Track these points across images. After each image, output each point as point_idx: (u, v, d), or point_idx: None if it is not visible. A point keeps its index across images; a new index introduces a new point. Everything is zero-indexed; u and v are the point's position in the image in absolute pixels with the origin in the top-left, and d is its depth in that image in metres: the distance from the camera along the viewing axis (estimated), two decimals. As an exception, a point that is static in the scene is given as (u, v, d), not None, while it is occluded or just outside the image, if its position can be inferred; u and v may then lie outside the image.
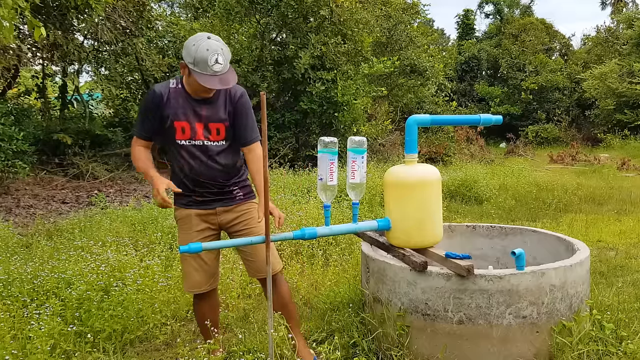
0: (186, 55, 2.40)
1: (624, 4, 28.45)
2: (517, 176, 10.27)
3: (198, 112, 2.52)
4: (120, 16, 9.55)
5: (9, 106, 8.70)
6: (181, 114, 2.50)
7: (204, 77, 2.37)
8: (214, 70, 2.37)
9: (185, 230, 2.64)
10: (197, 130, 2.52)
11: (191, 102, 2.52)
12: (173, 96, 2.50)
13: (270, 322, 2.37)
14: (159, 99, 2.49)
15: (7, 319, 2.93)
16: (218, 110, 2.55)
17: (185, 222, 2.64)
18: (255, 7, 11.57)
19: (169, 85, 2.53)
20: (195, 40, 2.39)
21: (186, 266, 2.67)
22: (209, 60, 2.36)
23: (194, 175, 2.58)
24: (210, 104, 2.54)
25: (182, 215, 2.65)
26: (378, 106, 14.08)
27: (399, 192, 2.64)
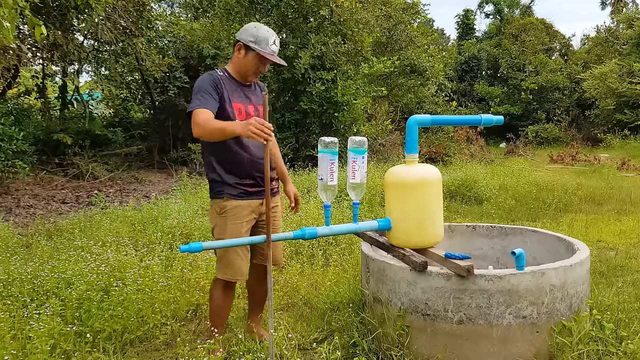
0: (246, 35, 2.65)
1: (624, 4, 28.46)
2: (517, 176, 10.27)
3: (247, 95, 2.77)
4: (120, 16, 9.55)
5: (9, 106, 8.70)
6: (236, 95, 2.71)
7: (266, 53, 2.65)
8: (271, 49, 2.66)
9: (233, 220, 2.69)
10: (250, 111, 2.73)
11: (240, 86, 2.75)
12: (225, 80, 2.70)
13: (270, 322, 2.37)
14: (218, 80, 2.66)
15: (7, 319, 2.93)
16: (258, 96, 2.83)
17: (234, 212, 2.69)
18: (255, 7, 11.57)
19: (217, 72, 2.72)
20: (254, 25, 2.70)
21: (232, 255, 2.72)
22: (269, 40, 2.66)
23: (254, 158, 2.69)
24: (251, 89, 2.81)
25: (232, 206, 2.69)
26: (378, 106, 14.08)
27: (400, 192, 2.64)
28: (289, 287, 3.88)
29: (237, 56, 2.71)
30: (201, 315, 3.50)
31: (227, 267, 2.73)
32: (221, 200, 2.71)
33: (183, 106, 12.06)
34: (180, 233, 5.01)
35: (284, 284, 3.91)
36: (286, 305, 3.65)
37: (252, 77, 2.77)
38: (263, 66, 2.73)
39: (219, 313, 2.86)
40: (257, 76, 2.79)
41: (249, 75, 2.74)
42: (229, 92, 2.68)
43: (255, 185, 2.74)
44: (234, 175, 2.70)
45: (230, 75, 2.75)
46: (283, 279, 4.01)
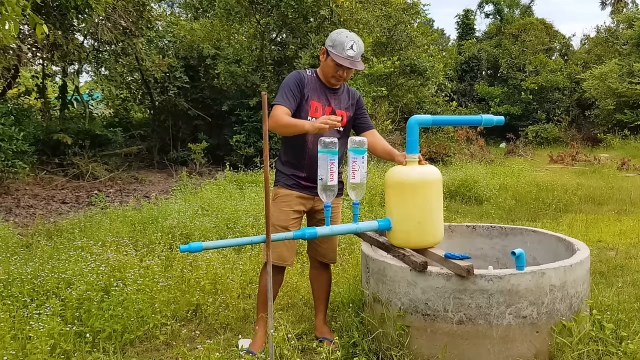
0: (328, 40, 2.84)
1: (624, 4, 28.48)
2: (517, 176, 10.27)
3: (328, 97, 2.92)
4: (120, 16, 9.54)
5: (9, 106, 8.69)
6: (316, 95, 2.88)
7: (339, 57, 2.76)
8: (347, 54, 2.76)
9: (282, 207, 2.90)
10: (326, 111, 2.88)
11: (323, 88, 2.92)
12: (310, 80, 2.90)
13: (270, 322, 2.37)
14: (302, 79, 2.87)
15: (7, 319, 2.93)
16: (342, 101, 2.97)
17: (285, 200, 2.90)
18: (255, 7, 11.57)
19: (306, 72, 2.93)
20: (339, 31, 2.86)
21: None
22: (346, 45, 2.76)
23: (314, 154, 2.73)
24: (336, 93, 2.95)
25: (284, 194, 2.92)
26: (378, 106, 14.06)
27: (400, 192, 2.64)
28: (289, 287, 3.88)
29: (321, 59, 2.90)
30: (201, 315, 3.50)
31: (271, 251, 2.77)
32: (276, 187, 2.96)
33: (183, 106, 12.07)
34: (180, 233, 5.01)
35: (284, 284, 3.91)
36: (286, 305, 3.65)
37: (333, 81, 2.88)
38: (342, 71, 2.82)
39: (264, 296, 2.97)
40: (339, 81, 2.88)
41: (329, 78, 2.88)
42: (311, 90, 2.88)
43: (309, 180, 2.88)
44: (291, 167, 2.92)
45: (318, 76, 2.93)
46: (283, 279, 4.00)
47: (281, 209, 2.90)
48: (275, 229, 2.85)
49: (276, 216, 2.88)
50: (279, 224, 2.87)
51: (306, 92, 2.86)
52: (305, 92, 2.86)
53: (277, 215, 2.89)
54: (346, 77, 2.88)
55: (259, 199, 6.53)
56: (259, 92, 11.08)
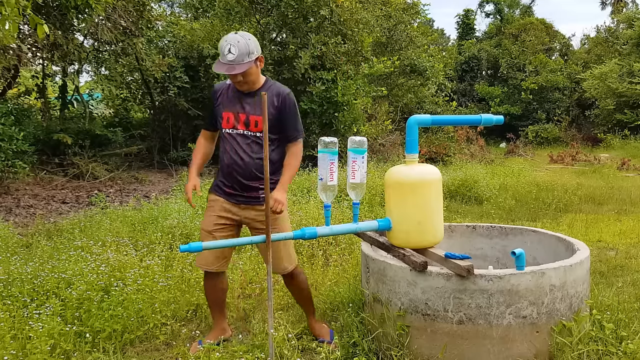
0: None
1: (624, 4, 28.47)
2: (517, 176, 10.27)
3: (244, 104, 2.79)
4: (120, 16, 9.54)
5: (9, 106, 8.68)
6: (229, 105, 2.81)
7: (218, 64, 2.65)
8: (227, 59, 2.62)
9: (209, 211, 2.92)
10: (240, 120, 2.79)
11: (239, 95, 2.81)
12: (226, 91, 2.84)
13: (270, 322, 2.37)
14: (215, 93, 2.88)
15: (7, 319, 2.93)
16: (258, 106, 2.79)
17: (211, 204, 2.91)
18: (255, 7, 11.57)
19: (225, 82, 2.88)
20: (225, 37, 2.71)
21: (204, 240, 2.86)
22: (224, 50, 2.63)
23: (230, 163, 2.80)
24: (252, 98, 2.80)
25: (211, 199, 2.93)
26: (378, 106, 14.07)
27: (400, 192, 2.64)
28: (289, 287, 3.87)
29: None
30: (201, 315, 3.50)
31: (198, 254, 2.95)
32: (209, 191, 2.99)
33: (183, 106, 12.06)
34: (180, 233, 5.01)
35: (284, 284, 3.91)
36: (286, 305, 3.65)
37: (237, 87, 2.80)
38: (232, 76, 2.71)
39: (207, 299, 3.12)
40: (242, 86, 2.77)
41: (235, 85, 2.80)
42: (222, 103, 2.84)
43: (231, 187, 2.86)
44: (219, 173, 2.94)
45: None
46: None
47: (208, 213, 2.92)
48: (201, 232, 2.92)
49: (203, 220, 2.94)
50: (203, 228, 2.91)
51: (219, 105, 2.86)
52: (218, 105, 2.86)
53: (204, 219, 2.94)
54: (243, 81, 2.73)
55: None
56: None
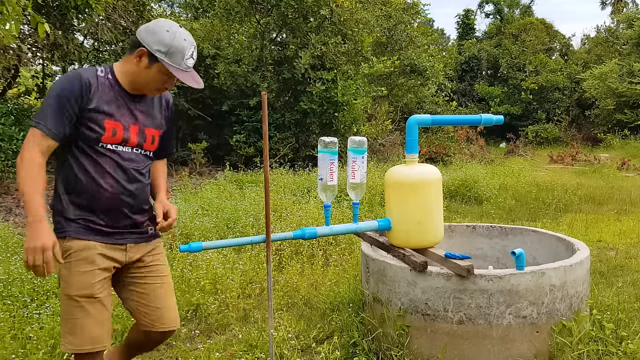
0: (155, 41, 1.93)
1: (624, 4, 28.48)
2: (517, 176, 10.27)
3: (134, 112, 2.02)
4: (120, 16, 9.55)
5: (9, 106, 8.69)
6: (113, 109, 1.97)
7: (179, 72, 1.96)
8: (187, 65, 1.99)
9: (81, 267, 1.93)
10: (131, 134, 2.01)
11: (126, 99, 2.01)
12: (102, 88, 1.96)
13: (270, 322, 2.37)
14: (87, 88, 1.91)
15: (7, 319, 2.93)
16: (155, 114, 2.11)
17: (81, 256, 1.93)
18: (255, 7, 11.57)
19: (96, 72, 1.97)
20: (168, 26, 1.96)
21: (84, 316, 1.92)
22: (186, 53, 1.97)
23: (117, 192, 1.98)
24: (146, 104, 2.08)
25: (79, 248, 1.93)
26: (378, 106, 14.07)
27: (400, 192, 2.64)
28: (289, 287, 3.88)
29: (136, 64, 1.97)
30: (201, 315, 3.50)
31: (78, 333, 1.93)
32: (62, 240, 1.93)
33: (183, 106, 12.06)
34: (180, 233, 5.01)
35: (284, 284, 3.91)
36: (286, 305, 3.65)
37: (152, 94, 2.08)
38: (171, 82, 2.02)
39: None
40: (161, 93, 2.10)
41: (149, 90, 2.04)
42: (104, 104, 1.94)
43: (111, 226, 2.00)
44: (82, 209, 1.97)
45: (117, 80, 2.00)
46: (283, 279, 4.01)
47: (81, 270, 1.92)
48: (75, 301, 1.91)
49: (75, 283, 1.92)
50: (79, 294, 1.91)
51: (94, 107, 1.92)
52: (93, 108, 1.92)
53: (76, 281, 1.92)
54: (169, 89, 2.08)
55: (259, 199, 6.53)
56: (259, 92, 11.08)
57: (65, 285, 1.93)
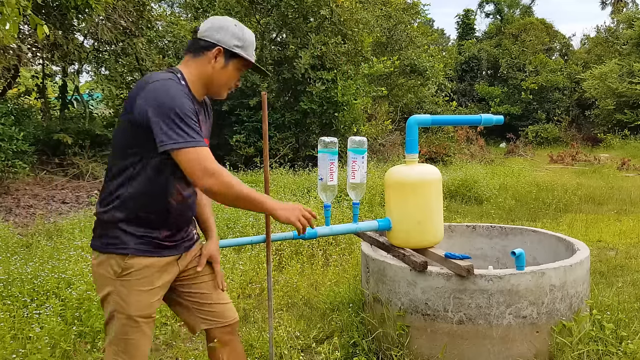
0: (229, 37, 1.85)
1: (624, 4, 28.48)
2: (517, 176, 10.27)
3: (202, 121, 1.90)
4: (120, 16, 9.54)
5: (9, 106, 8.69)
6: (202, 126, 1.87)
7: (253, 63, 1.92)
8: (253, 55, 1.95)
9: (142, 286, 1.84)
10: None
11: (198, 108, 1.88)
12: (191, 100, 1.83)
13: (270, 322, 2.37)
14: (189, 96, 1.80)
15: (7, 319, 2.93)
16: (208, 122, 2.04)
17: (143, 275, 1.84)
18: (255, 7, 11.57)
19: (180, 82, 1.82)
20: (231, 21, 1.90)
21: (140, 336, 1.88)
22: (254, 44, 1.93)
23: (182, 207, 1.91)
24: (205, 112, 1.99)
25: (140, 266, 1.83)
26: (378, 106, 14.08)
27: (400, 192, 2.64)
28: (289, 287, 3.88)
29: (212, 65, 1.86)
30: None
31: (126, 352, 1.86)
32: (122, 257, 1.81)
33: (183, 106, 12.07)
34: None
35: (284, 284, 3.91)
36: (286, 305, 3.65)
37: (223, 96, 1.97)
38: (239, 79, 1.97)
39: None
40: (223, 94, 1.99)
41: (221, 92, 1.95)
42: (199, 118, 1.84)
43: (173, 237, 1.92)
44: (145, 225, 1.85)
45: (189, 89, 1.85)
46: (283, 279, 4.01)
47: (139, 289, 1.83)
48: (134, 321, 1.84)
49: (134, 303, 1.83)
50: (139, 314, 1.84)
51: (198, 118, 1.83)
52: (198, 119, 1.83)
53: (135, 301, 1.83)
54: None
55: (259, 199, 6.52)
56: (259, 92, 11.08)
57: (122, 305, 1.83)
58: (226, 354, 2.10)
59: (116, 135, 1.90)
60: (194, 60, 1.88)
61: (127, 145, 1.81)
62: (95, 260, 1.86)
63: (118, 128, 1.89)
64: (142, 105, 1.72)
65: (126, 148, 1.81)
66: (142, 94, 1.74)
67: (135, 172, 1.81)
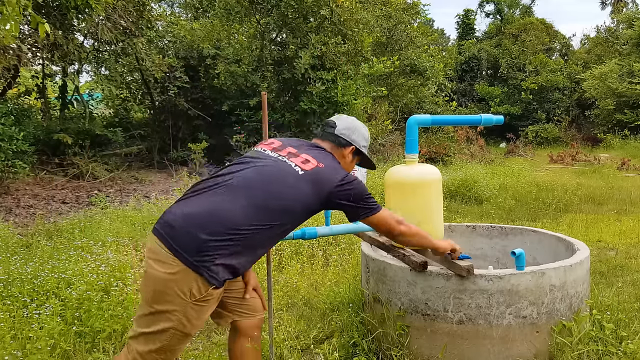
0: (362, 139, 2.35)
1: (624, 4, 28.48)
2: (517, 176, 10.27)
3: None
4: (120, 16, 9.54)
5: (9, 106, 8.69)
6: None
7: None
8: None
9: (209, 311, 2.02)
10: None
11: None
12: None
13: (270, 322, 2.37)
14: None
15: (7, 319, 2.93)
16: None
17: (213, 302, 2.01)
18: (255, 7, 11.57)
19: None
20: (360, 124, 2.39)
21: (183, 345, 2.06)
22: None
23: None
24: None
25: (215, 296, 1.98)
26: (378, 106, 14.08)
27: (400, 192, 2.64)
28: (289, 287, 3.88)
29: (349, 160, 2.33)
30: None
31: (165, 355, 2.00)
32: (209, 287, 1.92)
33: (183, 106, 12.07)
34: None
35: (284, 284, 3.91)
36: (286, 305, 3.65)
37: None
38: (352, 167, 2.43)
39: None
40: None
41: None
42: None
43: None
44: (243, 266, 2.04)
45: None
46: (283, 279, 4.01)
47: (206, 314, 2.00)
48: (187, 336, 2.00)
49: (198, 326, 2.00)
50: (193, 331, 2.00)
51: None
52: None
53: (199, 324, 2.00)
54: None
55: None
56: (259, 92, 11.08)
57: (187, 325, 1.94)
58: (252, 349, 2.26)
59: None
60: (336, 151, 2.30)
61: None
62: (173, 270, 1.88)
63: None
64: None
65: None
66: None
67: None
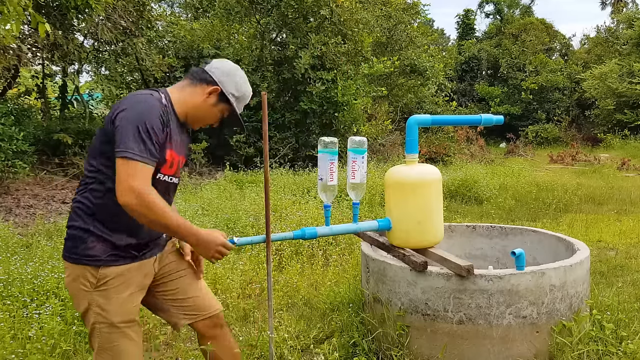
0: (231, 85, 1.96)
1: (624, 4, 28.48)
2: (517, 176, 10.27)
3: (181, 142, 1.98)
4: (120, 16, 9.54)
5: (9, 106, 8.68)
6: (177, 145, 1.93)
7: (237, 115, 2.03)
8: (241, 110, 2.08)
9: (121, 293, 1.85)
10: (180, 165, 1.99)
11: (179, 128, 1.95)
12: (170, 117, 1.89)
13: (270, 322, 2.37)
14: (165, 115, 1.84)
15: (7, 319, 2.93)
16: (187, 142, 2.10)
17: (119, 282, 1.85)
18: (255, 7, 11.57)
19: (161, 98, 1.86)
20: (239, 71, 2.02)
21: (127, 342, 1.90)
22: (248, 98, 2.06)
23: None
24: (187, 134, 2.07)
25: (115, 274, 1.84)
26: (378, 106, 14.08)
27: (400, 192, 2.64)
28: (289, 287, 3.88)
29: (204, 99, 1.94)
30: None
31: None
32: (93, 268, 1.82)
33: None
34: (180, 233, 5.01)
35: (284, 284, 3.91)
36: (286, 305, 3.65)
37: (197, 127, 2.07)
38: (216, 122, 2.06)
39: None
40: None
41: (199, 124, 2.04)
42: (172, 136, 1.88)
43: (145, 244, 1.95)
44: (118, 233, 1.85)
45: (174, 110, 1.92)
46: (283, 279, 4.01)
47: (119, 296, 1.85)
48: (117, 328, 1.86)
49: (116, 310, 1.85)
50: (122, 320, 1.86)
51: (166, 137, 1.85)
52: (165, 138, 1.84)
53: (116, 308, 1.85)
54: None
55: (259, 199, 6.53)
56: (259, 92, 11.07)
57: (104, 314, 1.84)
58: (217, 349, 2.12)
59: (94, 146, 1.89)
60: (189, 87, 1.96)
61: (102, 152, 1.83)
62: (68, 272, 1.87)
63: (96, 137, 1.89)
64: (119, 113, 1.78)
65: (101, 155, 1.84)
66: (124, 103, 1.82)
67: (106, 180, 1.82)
